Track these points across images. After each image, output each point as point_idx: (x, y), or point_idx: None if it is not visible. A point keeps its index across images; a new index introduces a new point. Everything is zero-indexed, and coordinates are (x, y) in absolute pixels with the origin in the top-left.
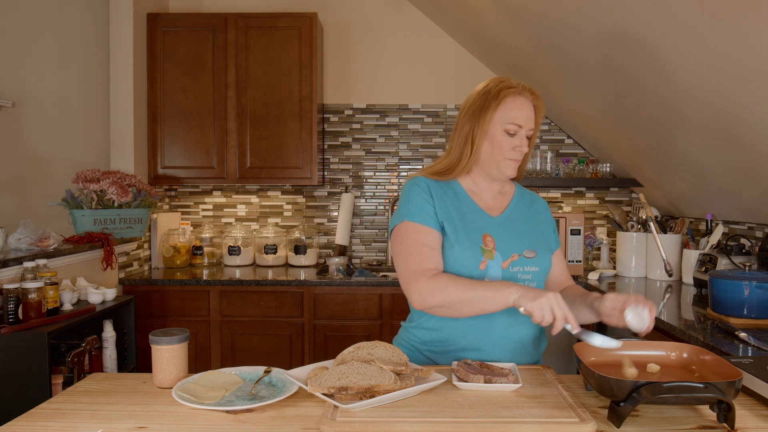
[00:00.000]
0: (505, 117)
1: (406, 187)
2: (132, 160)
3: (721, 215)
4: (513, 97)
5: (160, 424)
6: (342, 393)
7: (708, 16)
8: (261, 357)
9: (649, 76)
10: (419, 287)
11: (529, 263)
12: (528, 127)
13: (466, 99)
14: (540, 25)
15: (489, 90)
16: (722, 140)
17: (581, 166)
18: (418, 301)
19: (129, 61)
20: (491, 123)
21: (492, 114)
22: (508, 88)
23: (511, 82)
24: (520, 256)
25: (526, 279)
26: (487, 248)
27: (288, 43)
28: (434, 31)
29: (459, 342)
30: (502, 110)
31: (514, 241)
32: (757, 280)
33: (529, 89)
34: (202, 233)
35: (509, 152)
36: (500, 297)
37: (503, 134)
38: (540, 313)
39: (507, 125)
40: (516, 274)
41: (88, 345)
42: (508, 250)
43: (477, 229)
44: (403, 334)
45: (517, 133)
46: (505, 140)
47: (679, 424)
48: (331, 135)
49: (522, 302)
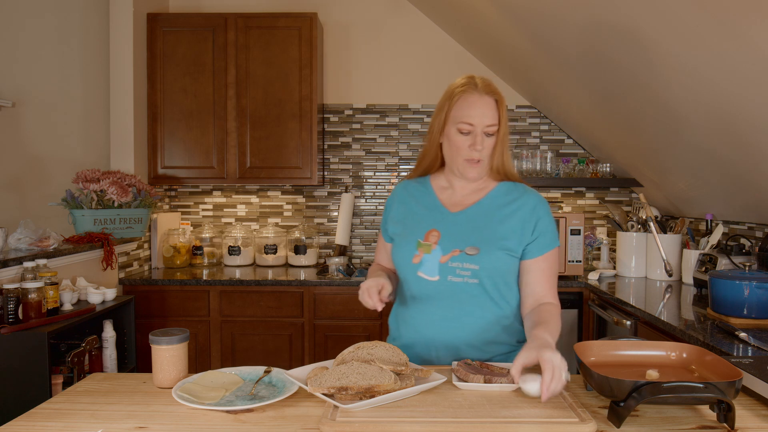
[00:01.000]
0: (456, 116)
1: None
2: (132, 160)
3: (721, 215)
4: (465, 95)
5: (160, 424)
6: (342, 393)
7: (707, 16)
8: (261, 357)
9: (648, 77)
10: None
11: (469, 260)
12: (483, 125)
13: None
14: (540, 24)
15: (447, 90)
16: (722, 140)
17: (581, 166)
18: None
19: (129, 61)
20: (447, 123)
21: (447, 114)
22: (460, 86)
23: (464, 80)
24: (461, 252)
25: (465, 275)
26: (426, 242)
27: (288, 43)
28: (434, 31)
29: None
30: (455, 109)
31: (460, 237)
32: (757, 280)
33: (483, 84)
34: (202, 233)
35: (466, 152)
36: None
37: (457, 134)
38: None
39: (459, 125)
40: (454, 270)
41: (88, 345)
42: (450, 245)
43: (425, 225)
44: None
45: (471, 132)
46: (461, 140)
47: (679, 424)
48: (331, 135)
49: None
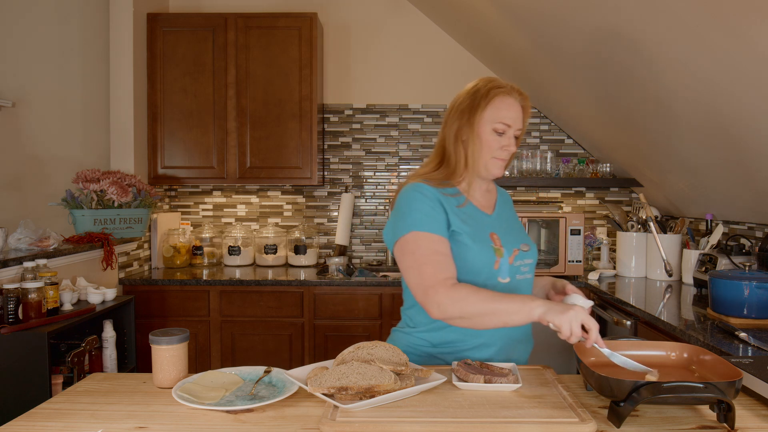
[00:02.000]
0: (494, 116)
1: (408, 194)
2: (132, 160)
3: (721, 215)
4: (502, 97)
5: (160, 424)
6: (342, 393)
7: (707, 16)
8: (261, 357)
9: (648, 77)
10: (438, 298)
11: (526, 256)
12: (516, 127)
13: (453, 99)
14: (540, 24)
15: (478, 90)
16: (722, 140)
17: (581, 166)
18: (438, 311)
19: (129, 61)
20: (480, 122)
21: (481, 113)
22: (498, 87)
23: (501, 82)
24: (519, 251)
25: (525, 272)
26: (496, 247)
27: (288, 44)
28: (434, 31)
29: (478, 337)
30: (491, 109)
31: (511, 237)
32: (757, 280)
33: (518, 90)
34: (202, 233)
35: (497, 151)
36: (525, 311)
37: (492, 133)
38: (568, 327)
39: (496, 124)
40: (519, 268)
41: (88, 345)
42: (510, 246)
43: (484, 229)
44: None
45: (506, 133)
46: (494, 139)
47: (679, 424)
48: (331, 135)
49: (549, 317)
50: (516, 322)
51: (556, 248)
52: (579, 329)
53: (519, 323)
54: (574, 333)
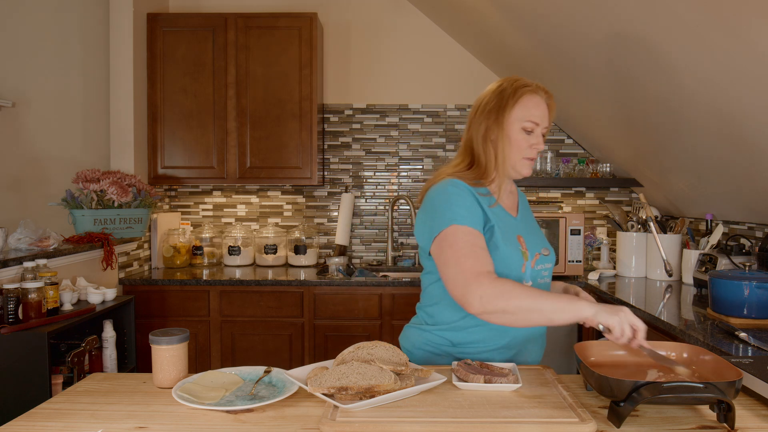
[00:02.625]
0: (522, 115)
1: (445, 189)
2: (132, 160)
3: (721, 215)
4: (530, 96)
5: (160, 424)
6: (342, 393)
7: (709, 17)
8: (261, 357)
9: (649, 77)
10: (482, 290)
11: (547, 260)
12: (543, 125)
13: (478, 99)
14: (540, 25)
15: (504, 89)
16: (722, 140)
17: (581, 166)
18: (479, 304)
19: (129, 61)
20: (509, 121)
21: (510, 112)
22: (525, 86)
23: (527, 81)
24: (540, 255)
25: (545, 276)
26: (524, 250)
27: (288, 43)
28: (434, 31)
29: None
30: (519, 108)
31: (534, 240)
32: (757, 280)
33: (543, 88)
34: (202, 233)
35: (526, 150)
36: (572, 309)
37: (521, 132)
38: (620, 328)
39: (525, 123)
40: (540, 272)
41: (88, 345)
42: (533, 249)
43: (512, 231)
44: (425, 337)
45: (534, 131)
46: (523, 138)
47: (679, 424)
48: (331, 135)
49: (601, 318)
50: (562, 320)
51: (556, 248)
52: (630, 330)
53: (564, 322)
54: (625, 334)
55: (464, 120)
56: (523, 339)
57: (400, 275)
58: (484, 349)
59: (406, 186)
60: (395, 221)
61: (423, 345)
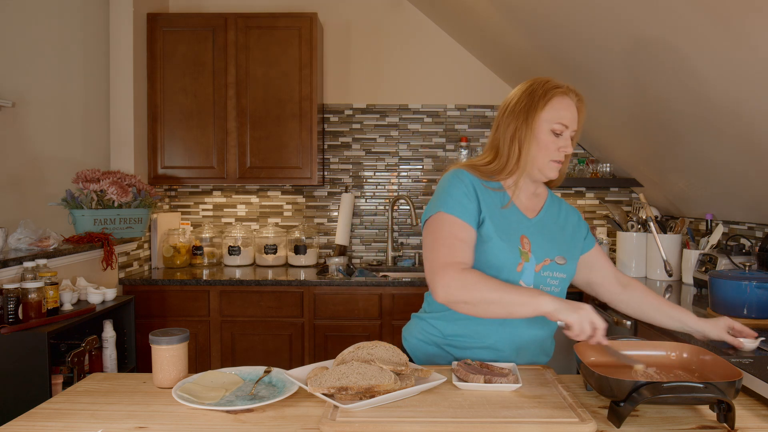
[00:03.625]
0: (552, 117)
1: (447, 178)
2: (132, 160)
3: (721, 215)
4: (560, 97)
5: (160, 424)
6: (342, 393)
7: (711, 18)
8: (261, 357)
9: (650, 78)
10: (447, 279)
11: (559, 269)
12: (573, 128)
13: (507, 99)
14: (540, 25)
15: (535, 90)
16: (722, 140)
17: (581, 166)
18: (444, 293)
19: (129, 61)
20: (538, 122)
21: (539, 113)
22: (556, 87)
23: (558, 82)
24: (551, 261)
25: (553, 284)
26: (524, 250)
27: (288, 43)
28: (434, 31)
29: (488, 338)
30: (549, 110)
31: (547, 245)
32: (757, 280)
33: (574, 90)
34: (202, 233)
35: (554, 153)
36: (533, 304)
37: (549, 134)
38: (580, 325)
39: (554, 125)
40: (545, 279)
41: (88, 345)
42: (542, 254)
43: (515, 230)
44: (420, 325)
45: (563, 134)
46: (551, 140)
47: (679, 424)
48: (331, 135)
49: (561, 315)
50: (522, 314)
51: None
52: (589, 328)
53: (525, 315)
54: (584, 331)
55: (464, 120)
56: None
57: (400, 275)
58: (468, 345)
59: (406, 186)
60: (395, 221)
61: (417, 333)
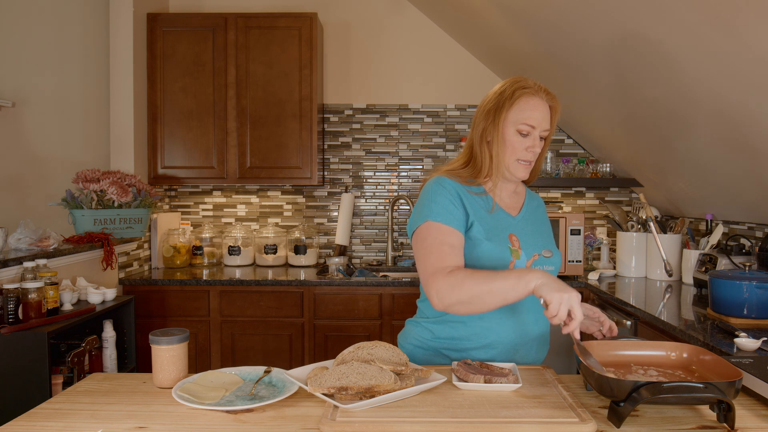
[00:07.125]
0: (518, 117)
1: (430, 187)
2: (132, 160)
3: (721, 215)
4: (527, 98)
5: (160, 424)
6: (342, 393)
7: (709, 18)
8: (261, 357)
9: (649, 78)
10: (437, 285)
11: (547, 262)
12: (542, 128)
13: (482, 100)
14: (540, 26)
15: (504, 90)
16: (722, 140)
17: (581, 166)
18: (438, 300)
19: (129, 61)
20: (505, 123)
21: (506, 114)
22: (523, 88)
23: (527, 83)
24: (539, 256)
25: None
26: (514, 248)
27: (288, 43)
28: (434, 31)
29: (485, 338)
30: (515, 110)
31: (533, 241)
32: (757, 280)
33: (545, 90)
34: (202, 233)
35: (521, 153)
36: (521, 284)
37: (516, 134)
38: (557, 306)
39: (519, 125)
40: None
41: (88, 345)
42: (530, 250)
43: (503, 229)
44: (415, 331)
45: (530, 134)
46: (518, 140)
47: (679, 424)
48: (331, 135)
49: (543, 291)
50: (516, 296)
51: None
52: (565, 313)
53: (519, 297)
54: (560, 314)
55: (464, 120)
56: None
57: (400, 275)
58: (464, 347)
59: (406, 186)
60: (395, 221)
61: (412, 339)
